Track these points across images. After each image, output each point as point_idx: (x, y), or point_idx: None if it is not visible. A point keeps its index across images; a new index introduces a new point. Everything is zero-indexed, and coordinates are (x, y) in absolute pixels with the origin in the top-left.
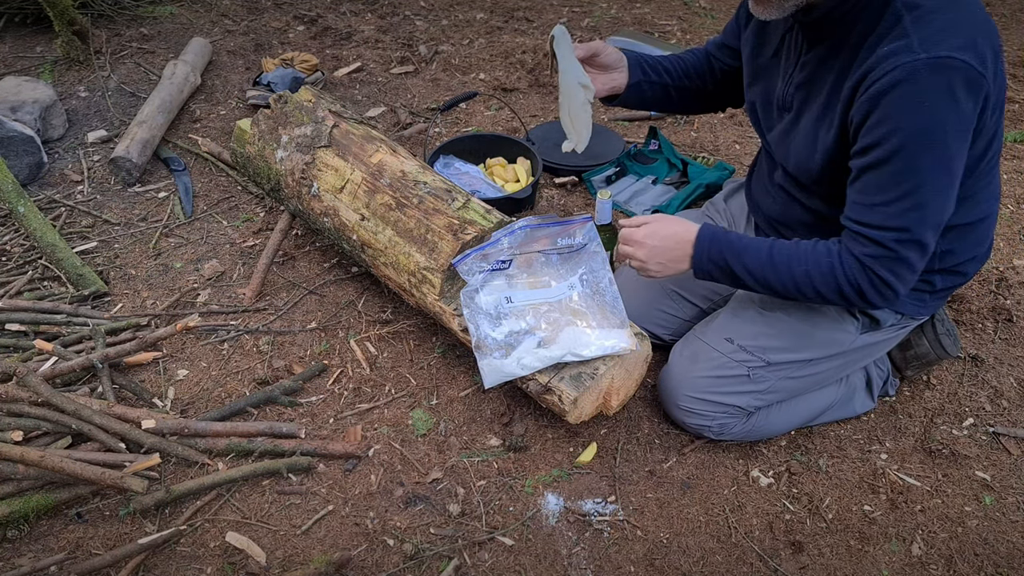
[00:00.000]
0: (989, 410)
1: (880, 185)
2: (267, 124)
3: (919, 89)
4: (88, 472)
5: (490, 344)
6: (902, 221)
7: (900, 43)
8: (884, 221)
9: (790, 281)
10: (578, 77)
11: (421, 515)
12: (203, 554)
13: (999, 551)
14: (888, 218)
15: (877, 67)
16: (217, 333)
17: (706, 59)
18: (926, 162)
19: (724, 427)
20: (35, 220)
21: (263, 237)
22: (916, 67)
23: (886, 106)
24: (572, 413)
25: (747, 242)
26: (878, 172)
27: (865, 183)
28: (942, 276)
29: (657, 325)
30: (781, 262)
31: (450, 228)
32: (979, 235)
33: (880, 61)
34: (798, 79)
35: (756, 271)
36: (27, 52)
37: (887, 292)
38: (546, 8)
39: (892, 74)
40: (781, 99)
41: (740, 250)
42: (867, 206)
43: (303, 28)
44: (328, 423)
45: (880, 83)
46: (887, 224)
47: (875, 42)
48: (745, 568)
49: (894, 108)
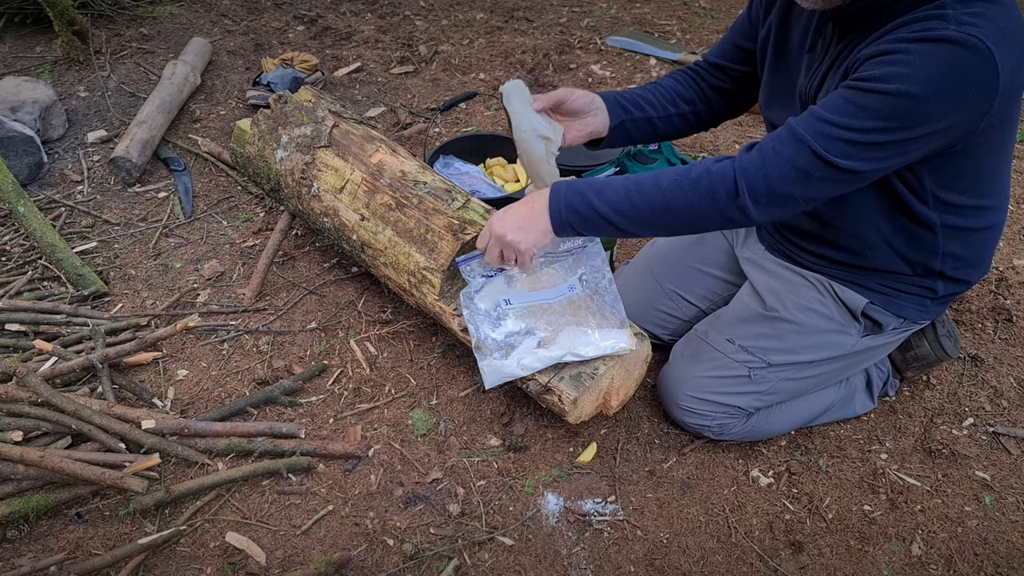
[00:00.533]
0: (989, 410)
1: (845, 110)
2: (267, 124)
3: (941, 54)
4: (88, 472)
5: (490, 345)
6: (838, 148)
7: (935, 12)
8: (822, 138)
9: (660, 200)
10: (536, 129)
11: (421, 515)
12: (203, 554)
13: (999, 551)
14: (829, 139)
15: (906, 27)
16: (217, 333)
17: (692, 81)
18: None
19: (724, 427)
20: (35, 220)
21: (263, 237)
22: (945, 34)
23: (904, 53)
24: (572, 413)
25: (607, 181)
26: (853, 96)
27: (832, 101)
28: (944, 283)
29: (656, 325)
30: (647, 182)
31: (450, 228)
32: (985, 243)
33: (911, 23)
34: (824, 68)
35: (620, 201)
36: (27, 52)
37: (761, 197)
38: (546, 8)
39: (921, 32)
40: (804, 93)
41: (600, 186)
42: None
43: (303, 28)
44: (328, 423)
45: (905, 32)
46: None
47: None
48: (745, 568)
49: (911, 59)
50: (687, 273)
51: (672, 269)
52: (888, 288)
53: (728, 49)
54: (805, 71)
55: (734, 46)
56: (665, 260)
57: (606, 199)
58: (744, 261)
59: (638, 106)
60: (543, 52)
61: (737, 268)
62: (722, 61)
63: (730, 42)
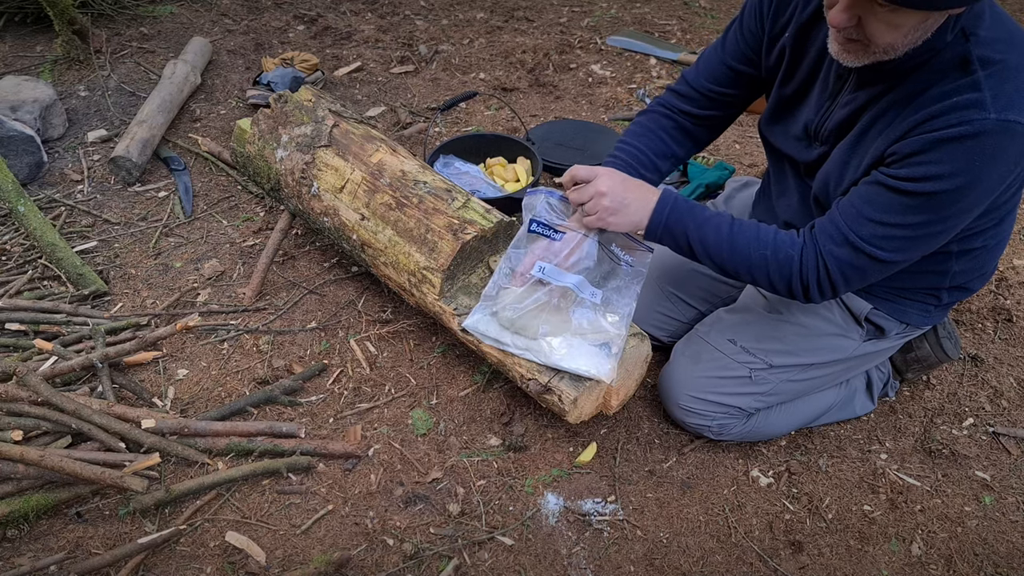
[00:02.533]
0: (989, 410)
1: (891, 207)
2: (267, 124)
3: (981, 148)
4: (88, 472)
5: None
6: (889, 244)
7: (972, 96)
8: (873, 239)
9: (744, 263)
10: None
11: (421, 515)
12: (203, 554)
13: (999, 551)
14: (878, 238)
15: (944, 115)
16: (217, 333)
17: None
18: (947, 210)
19: (724, 427)
20: (35, 219)
21: (263, 237)
22: (986, 126)
23: (944, 152)
24: (572, 413)
25: (709, 214)
26: (897, 196)
27: (876, 196)
28: (949, 292)
29: (656, 327)
30: (741, 242)
31: (450, 228)
32: (993, 256)
33: (949, 111)
34: (839, 116)
35: (712, 245)
36: (27, 52)
37: (828, 293)
38: (546, 8)
39: (961, 128)
40: (814, 131)
41: (702, 221)
42: (864, 218)
43: (303, 28)
44: (328, 423)
45: (946, 132)
46: (874, 241)
47: (941, 91)
48: (745, 568)
49: (951, 157)
50: (687, 276)
51: (672, 272)
52: (893, 295)
53: (719, 71)
54: (816, 105)
55: (726, 67)
56: (665, 263)
57: (702, 238)
58: None
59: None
60: (543, 52)
61: None
62: (712, 85)
63: (720, 63)
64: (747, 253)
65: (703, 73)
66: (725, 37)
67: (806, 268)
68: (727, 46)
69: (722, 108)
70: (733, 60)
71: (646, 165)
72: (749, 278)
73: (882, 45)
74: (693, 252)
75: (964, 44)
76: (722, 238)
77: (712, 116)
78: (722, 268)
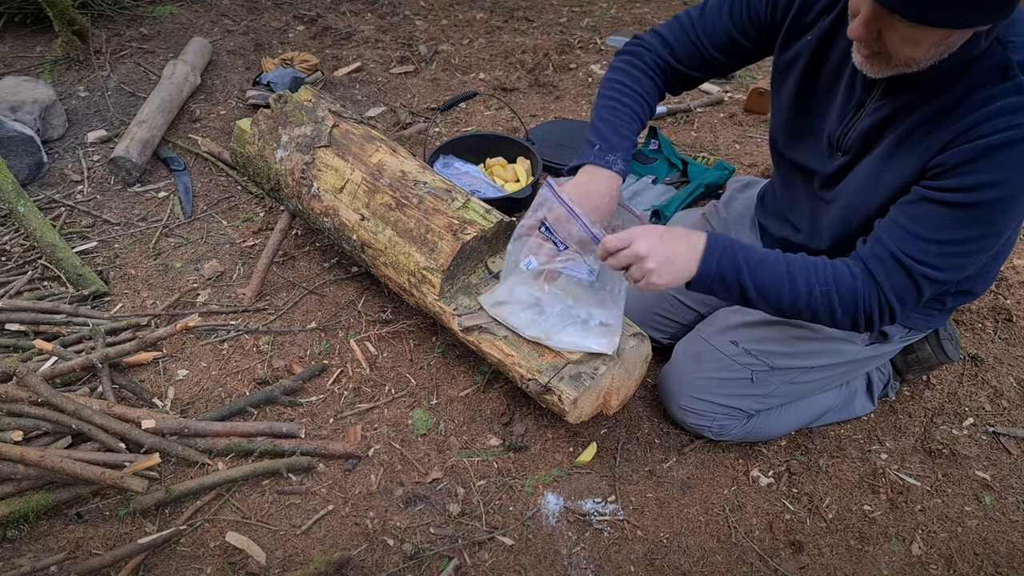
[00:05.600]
0: (989, 410)
1: (941, 223)
2: (267, 124)
3: None
4: (88, 472)
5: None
6: (943, 263)
7: (1016, 100)
8: (925, 257)
9: (805, 302)
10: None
11: (421, 515)
12: (203, 554)
13: (999, 551)
14: (930, 255)
15: (988, 122)
16: (217, 333)
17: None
18: (997, 220)
19: (724, 428)
20: (35, 220)
21: (263, 237)
22: None
23: (991, 160)
24: (572, 413)
25: (760, 256)
26: (945, 211)
27: (923, 214)
28: (954, 297)
29: (655, 329)
30: (801, 279)
31: (450, 228)
32: (998, 262)
33: (993, 116)
34: (865, 124)
35: (769, 288)
36: (27, 52)
37: (887, 319)
38: (546, 8)
39: (1008, 132)
40: (836, 140)
41: (755, 264)
42: (914, 237)
43: (303, 28)
44: (328, 423)
45: (995, 138)
46: (927, 260)
47: (982, 97)
48: (745, 568)
49: (1000, 164)
50: None
51: None
52: None
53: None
54: (839, 115)
55: (727, 35)
56: None
57: (758, 283)
58: None
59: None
60: (543, 52)
61: None
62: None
63: (723, 30)
64: (808, 292)
65: (704, 31)
66: (732, 4)
67: (868, 298)
68: (733, 15)
69: (705, 69)
70: (735, 31)
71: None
72: (809, 316)
73: (903, 59)
74: (746, 298)
75: (1003, 52)
76: (780, 280)
77: (692, 75)
78: (779, 310)
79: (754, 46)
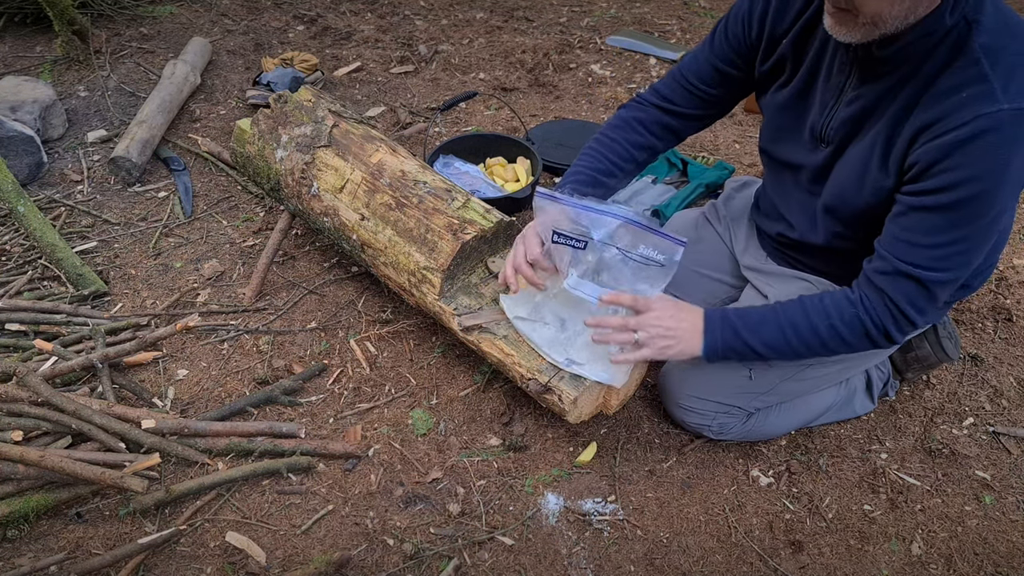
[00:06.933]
0: (989, 410)
1: (933, 227)
2: (267, 124)
3: (1001, 140)
4: (88, 472)
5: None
6: (948, 264)
7: (980, 88)
8: (928, 262)
9: (815, 342)
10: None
11: (421, 515)
12: (203, 554)
13: (999, 550)
14: (934, 260)
15: (955, 113)
16: (217, 333)
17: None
18: (987, 212)
19: (724, 427)
20: (35, 220)
21: (263, 237)
22: (1000, 118)
23: (964, 155)
24: (572, 413)
25: (756, 316)
26: (934, 215)
27: (915, 222)
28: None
29: None
30: (803, 324)
31: (450, 228)
32: (994, 251)
33: (959, 108)
34: (844, 114)
35: (777, 343)
36: (27, 52)
37: (908, 328)
38: (546, 8)
39: (975, 123)
40: (819, 131)
41: (755, 326)
42: (912, 245)
43: (303, 28)
44: (328, 423)
45: (960, 131)
46: (933, 265)
47: (948, 85)
48: (745, 568)
49: (973, 158)
50: (687, 277)
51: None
52: None
53: (705, 69)
54: (820, 105)
55: (712, 67)
56: None
57: (763, 340)
58: (746, 269)
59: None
60: (543, 52)
61: (737, 271)
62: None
63: (707, 62)
64: (814, 332)
65: (689, 70)
66: (713, 38)
67: (877, 316)
68: (715, 47)
69: (703, 106)
70: (719, 61)
71: (621, 156)
72: (826, 352)
73: (870, 15)
74: (763, 358)
75: (967, 32)
76: (783, 333)
77: (693, 114)
78: (796, 357)
79: (742, 73)
